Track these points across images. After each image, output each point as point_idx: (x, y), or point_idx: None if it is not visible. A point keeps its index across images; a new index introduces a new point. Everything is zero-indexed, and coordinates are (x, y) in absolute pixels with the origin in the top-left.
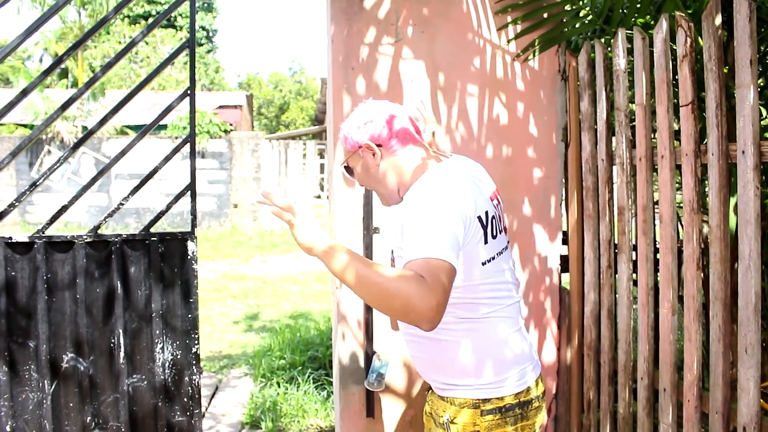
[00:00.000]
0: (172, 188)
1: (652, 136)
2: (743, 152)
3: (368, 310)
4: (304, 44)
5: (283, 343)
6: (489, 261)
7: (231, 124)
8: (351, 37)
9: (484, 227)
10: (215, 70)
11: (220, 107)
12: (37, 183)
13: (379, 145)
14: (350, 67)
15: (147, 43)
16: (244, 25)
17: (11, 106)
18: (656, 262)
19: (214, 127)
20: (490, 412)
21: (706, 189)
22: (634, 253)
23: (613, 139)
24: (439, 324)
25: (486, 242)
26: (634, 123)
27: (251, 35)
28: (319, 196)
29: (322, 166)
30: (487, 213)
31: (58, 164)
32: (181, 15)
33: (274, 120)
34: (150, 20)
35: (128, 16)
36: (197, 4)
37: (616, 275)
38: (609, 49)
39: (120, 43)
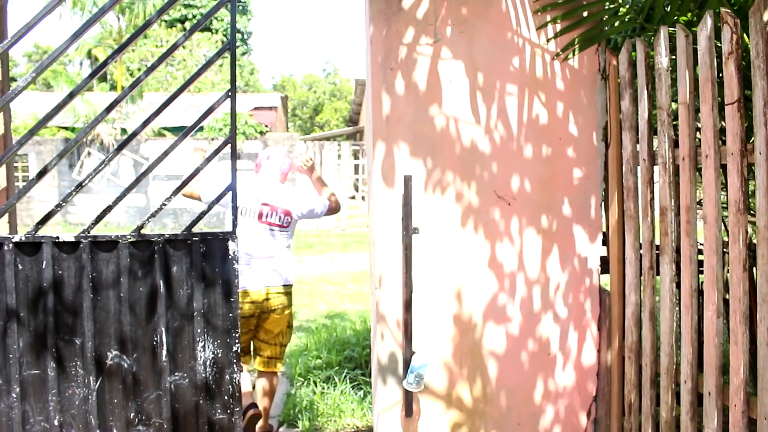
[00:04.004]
0: None
1: (696, 135)
2: None
3: (407, 310)
4: (338, 46)
5: (320, 342)
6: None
7: (266, 126)
8: (390, 38)
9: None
10: (250, 72)
11: (256, 109)
12: (83, 184)
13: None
14: (389, 68)
15: (183, 47)
16: (279, 28)
17: (58, 108)
18: (699, 263)
19: (249, 128)
20: None
21: (753, 189)
22: (676, 254)
23: (654, 138)
24: None
25: (243, 215)
26: (676, 122)
27: (285, 37)
28: (353, 197)
29: (356, 166)
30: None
31: (104, 165)
32: (216, 18)
33: (308, 121)
34: (186, 24)
35: (165, 20)
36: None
37: (658, 276)
38: (650, 47)
39: (157, 47)
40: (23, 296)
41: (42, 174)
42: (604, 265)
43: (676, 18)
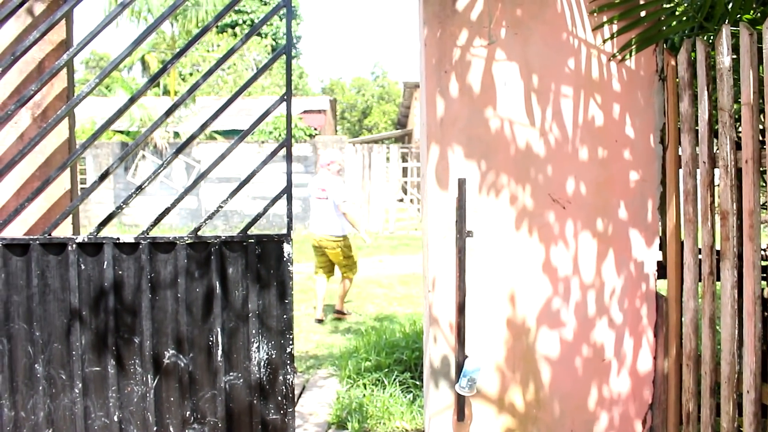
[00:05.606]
0: (257, 191)
1: (759, 137)
2: None
3: (460, 313)
4: (387, 49)
5: (369, 345)
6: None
7: (315, 129)
8: (444, 40)
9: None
10: (299, 76)
11: (305, 112)
12: (143, 186)
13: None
14: (443, 70)
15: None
16: (327, 31)
17: (120, 113)
18: (763, 269)
19: (299, 131)
20: None
21: None
22: (737, 260)
23: (714, 140)
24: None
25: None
26: (737, 124)
27: (334, 41)
28: (401, 200)
29: (405, 169)
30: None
31: (162, 168)
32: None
33: (356, 124)
34: (237, 29)
35: (217, 26)
36: (281, 12)
37: (718, 283)
38: (710, 47)
39: (208, 51)
40: (85, 295)
41: (104, 176)
42: (661, 270)
43: (738, 17)
